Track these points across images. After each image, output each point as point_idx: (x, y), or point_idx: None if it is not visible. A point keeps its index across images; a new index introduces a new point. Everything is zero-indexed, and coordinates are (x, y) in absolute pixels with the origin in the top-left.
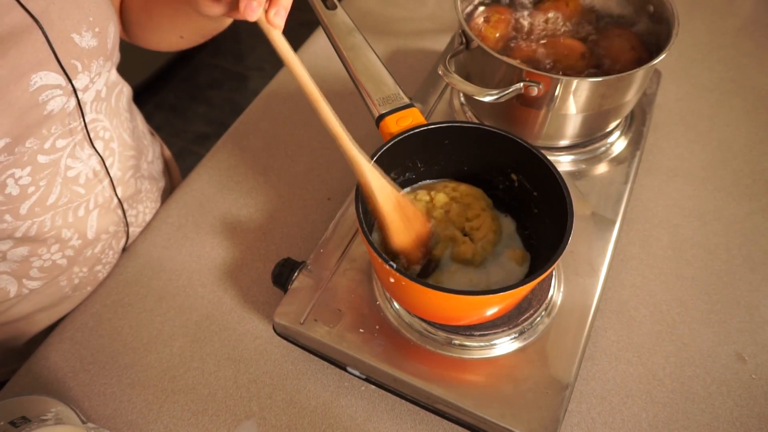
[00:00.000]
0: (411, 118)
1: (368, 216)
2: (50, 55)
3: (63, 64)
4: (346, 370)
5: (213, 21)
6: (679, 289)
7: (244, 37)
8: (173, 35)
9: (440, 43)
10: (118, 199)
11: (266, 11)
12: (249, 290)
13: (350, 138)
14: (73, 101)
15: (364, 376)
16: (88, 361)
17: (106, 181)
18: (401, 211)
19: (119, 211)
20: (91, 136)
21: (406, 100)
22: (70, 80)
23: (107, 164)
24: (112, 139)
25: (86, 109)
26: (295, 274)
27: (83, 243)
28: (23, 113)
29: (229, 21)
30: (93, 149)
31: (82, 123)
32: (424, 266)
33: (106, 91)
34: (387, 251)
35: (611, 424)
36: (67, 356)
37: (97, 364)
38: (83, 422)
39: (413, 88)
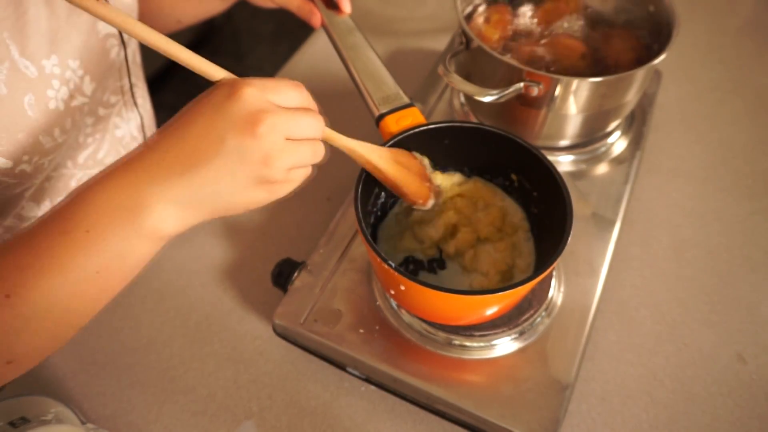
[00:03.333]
0: (411, 118)
1: (368, 216)
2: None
3: None
4: (346, 370)
5: (221, 4)
6: (679, 289)
7: (244, 37)
8: (171, 20)
9: (440, 43)
10: None
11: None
12: (249, 290)
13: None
14: (122, 54)
15: (364, 377)
16: (88, 362)
17: None
18: (400, 164)
19: None
20: (134, 98)
21: (406, 100)
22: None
23: (144, 131)
24: (146, 109)
25: (130, 69)
26: (295, 274)
27: None
28: (100, 58)
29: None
30: (135, 111)
31: (128, 83)
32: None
33: (139, 57)
34: (404, 202)
35: (611, 425)
36: (67, 357)
37: (97, 364)
38: (82, 423)
39: (413, 88)
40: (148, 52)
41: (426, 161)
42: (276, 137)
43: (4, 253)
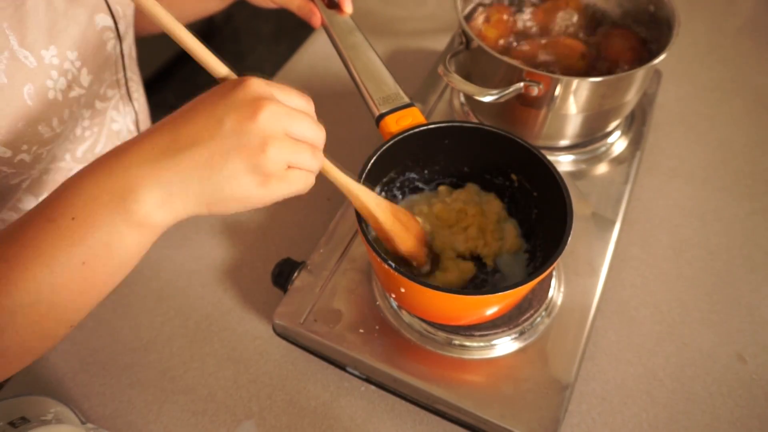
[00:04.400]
0: (411, 118)
1: None
2: None
3: (110, 6)
4: (346, 371)
5: (220, 3)
6: (679, 289)
7: (244, 37)
8: None
9: (440, 43)
10: None
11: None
12: (249, 290)
13: (335, 163)
14: (118, 47)
15: (364, 376)
16: (88, 362)
17: None
18: (397, 219)
19: None
20: (129, 93)
21: (406, 100)
22: (116, 23)
23: (139, 126)
24: (141, 103)
25: (126, 63)
26: (295, 274)
27: None
28: (96, 51)
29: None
30: (131, 106)
31: (124, 77)
32: (432, 263)
33: (135, 52)
34: (397, 260)
35: (611, 425)
36: (67, 356)
37: (97, 364)
38: (82, 422)
39: (413, 88)
40: (146, 51)
41: (428, 227)
42: (276, 126)
43: None
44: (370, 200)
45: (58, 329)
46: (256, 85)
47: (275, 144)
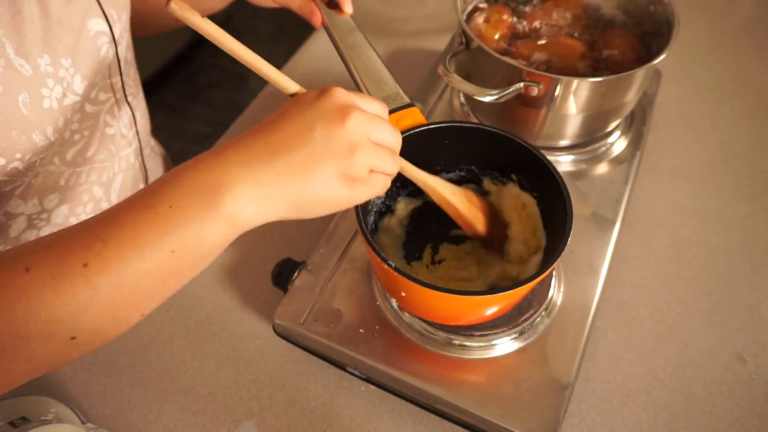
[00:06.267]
0: (411, 118)
1: (368, 216)
2: (94, 1)
3: (104, 10)
4: (346, 370)
5: (220, 3)
6: (679, 289)
7: (244, 37)
8: (171, 18)
9: (440, 43)
10: (143, 168)
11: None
12: (249, 290)
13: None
14: (112, 51)
15: (364, 376)
16: (88, 361)
17: (134, 146)
18: (473, 203)
19: (141, 184)
20: (126, 96)
21: (407, 100)
22: (110, 27)
23: (137, 129)
24: (137, 107)
25: (121, 67)
26: (295, 274)
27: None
28: (90, 56)
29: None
30: (127, 108)
31: (120, 81)
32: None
33: (131, 55)
34: (479, 241)
35: (611, 425)
36: None
37: (97, 364)
38: (83, 422)
39: (413, 88)
40: (146, 51)
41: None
42: (361, 132)
43: (92, 224)
44: (447, 191)
45: (131, 316)
46: (340, 93)
47: (361, 150)
